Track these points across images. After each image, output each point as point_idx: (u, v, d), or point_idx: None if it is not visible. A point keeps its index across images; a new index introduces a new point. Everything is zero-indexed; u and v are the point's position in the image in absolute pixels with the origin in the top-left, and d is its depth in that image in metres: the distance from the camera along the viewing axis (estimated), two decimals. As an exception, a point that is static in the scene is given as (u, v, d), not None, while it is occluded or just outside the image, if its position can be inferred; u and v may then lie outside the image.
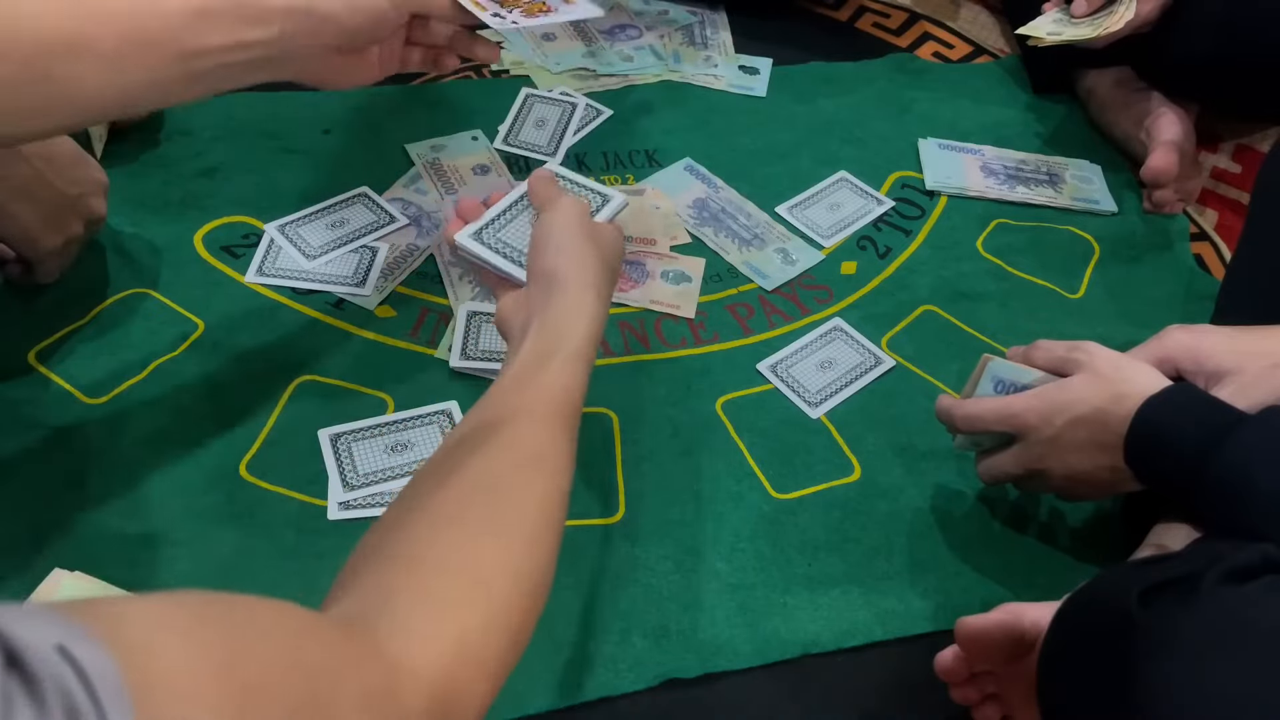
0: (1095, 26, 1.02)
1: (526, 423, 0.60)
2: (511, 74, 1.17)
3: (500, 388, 0.64)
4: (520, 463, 0.57)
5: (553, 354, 0.64)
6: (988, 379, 0.80)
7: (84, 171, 0.84)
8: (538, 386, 0.62)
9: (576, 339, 0.66)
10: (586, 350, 0.66)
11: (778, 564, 0.81)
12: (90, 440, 0.81)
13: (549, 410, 0.61)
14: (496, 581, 0.50)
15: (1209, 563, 0.55)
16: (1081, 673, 0.59)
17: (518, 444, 0.58)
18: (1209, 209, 1.14)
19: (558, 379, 0.63)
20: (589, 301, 0.68)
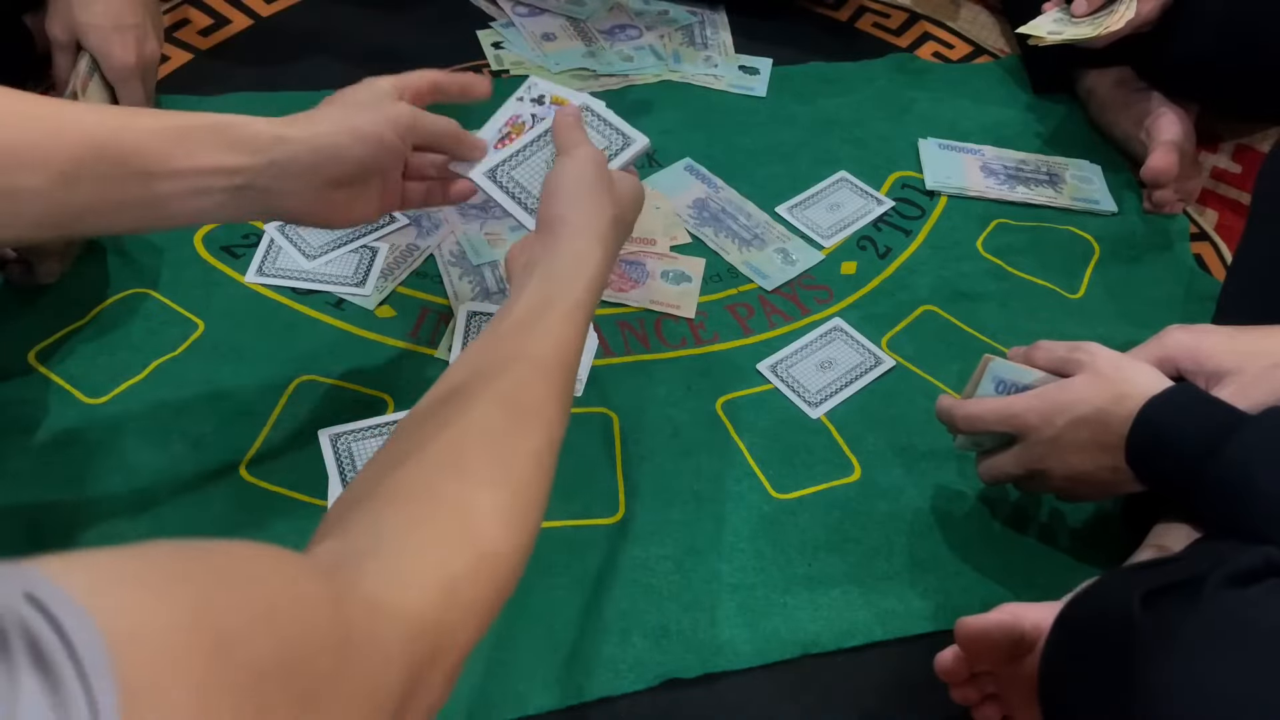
0: (1095, 26, 1.02)
1: (526, 372, 0.59)
2: (511, 74, 1.17)
3: (498, 333, 0.62)
4: (518, 413, 0.57)
5: (553, 303, 0.63)
6: (989, 379, 0.79)
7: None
8: (538, 336, 0.62)
9: (578, 290, 0.65)
10: (587, 301, 0.65)
11: (778, 564, 0.81)
12: (90, 440, 0.81)
13: (548, 362, 0.60)
14: (488, 528, 0.50)
15: (1211, 566, 0.55)
16: (1084, 675, 0.59)
17: (517, 394, 0.57)
18: (1209, 209, 1.14)
19: (558, 329, 0.62)
20: (595, 252, 0.67)
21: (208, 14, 1.18)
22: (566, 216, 0.69)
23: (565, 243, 0.68)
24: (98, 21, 0.94)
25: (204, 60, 1.13)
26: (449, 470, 0.52)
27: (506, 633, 0.75)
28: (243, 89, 1.10)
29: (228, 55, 1.15)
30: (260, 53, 1.15)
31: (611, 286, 0.97)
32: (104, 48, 0.95)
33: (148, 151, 0.62)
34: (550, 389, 0.59)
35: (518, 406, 0.57)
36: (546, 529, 0.80)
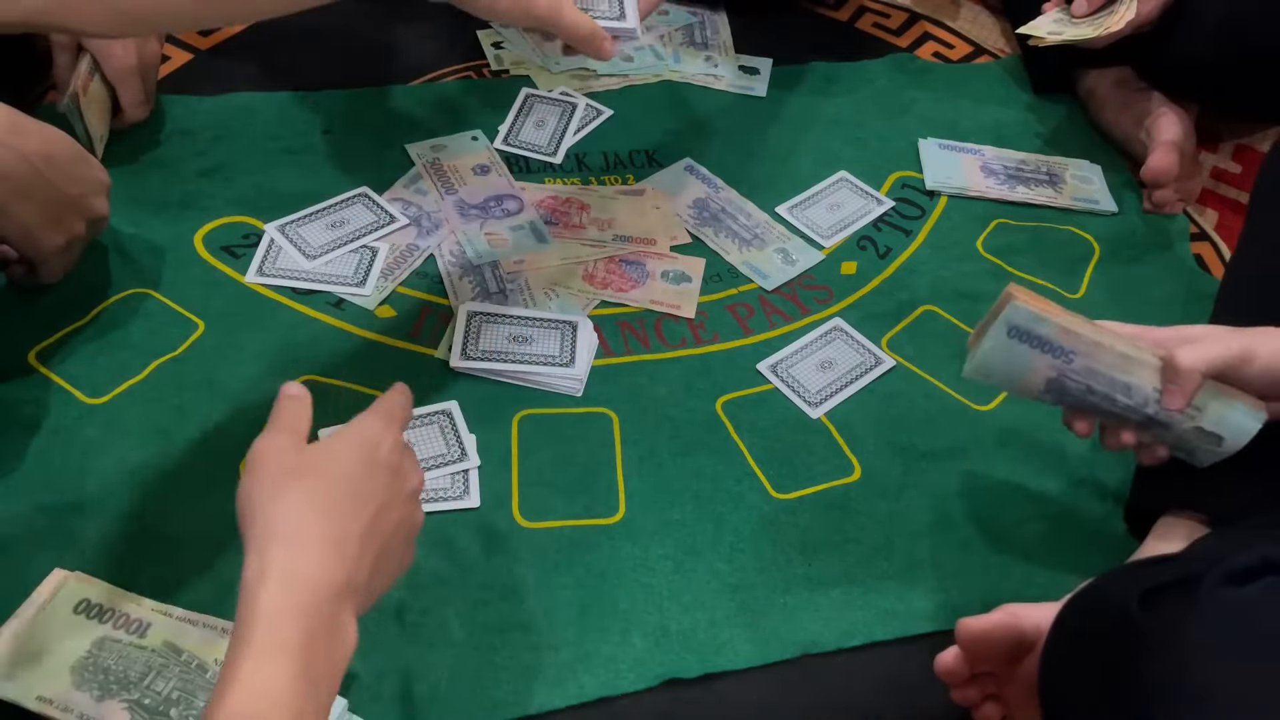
0: (1096, 26, 1.02)
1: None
2: (511, 74, 1.17)
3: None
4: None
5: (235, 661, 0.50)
6: (1001, 325, 0.73)
7: (85, 170, 0.84)
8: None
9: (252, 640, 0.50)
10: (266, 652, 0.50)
11: (778, 564, 0.81)
12: (90, 440, 0.81)
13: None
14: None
15: (1209, 565, 0.55)
16: (1082, 674, 0.59)
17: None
18: (1209, 209, 1.14)
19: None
20: (260, 571, 0.52)
21: (208, 14, 1.18)
22: (245, 523, 0.56)
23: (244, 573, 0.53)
24: None
25: (204, 60, 1.13)
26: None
27: (507, 633, 0.75)
28: (243, 89, 1.10)
29: (228, 55, 1.15)
30: (260, 53, 1.15)
31: (611, 286, 0.97)
32: (104, 48, 0.95)
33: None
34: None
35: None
36: (546, 529, 0.80)
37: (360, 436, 0.60)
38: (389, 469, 0.59)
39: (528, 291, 0.95)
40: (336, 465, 0.57)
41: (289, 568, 0.52)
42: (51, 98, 1.02)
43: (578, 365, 0.89)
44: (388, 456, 0.60)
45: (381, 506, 0.58)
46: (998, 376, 0.77)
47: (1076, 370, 0.74)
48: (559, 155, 1.08)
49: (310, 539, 0.54)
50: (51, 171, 0.80)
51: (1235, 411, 0.71)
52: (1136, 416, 0.73)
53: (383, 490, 0.58)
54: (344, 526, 0.55)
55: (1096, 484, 0.87)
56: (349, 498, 0.56)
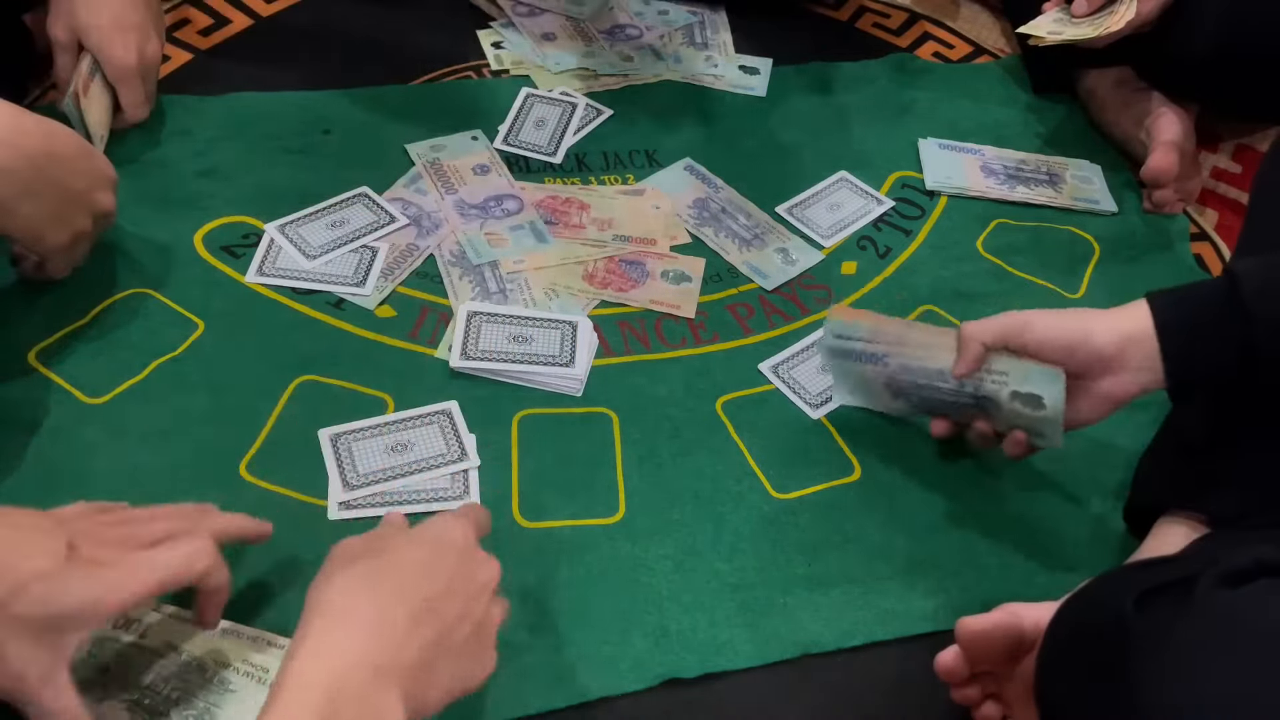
0: (1096, 26, 1.02)
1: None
2: (511, 74, 1.17)
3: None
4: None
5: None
6: (823, 350, 0.86)
7: (90, 165, 0.84)
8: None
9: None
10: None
11: (778, 564, 0.81)
12: (90, 440, 0.81)
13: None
14: None
15: (1204, 566, 0.55)
16: (1078, 675, 0.59)
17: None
18: (1209, 209, 1.14)
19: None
20: (326, 644, 0.53)
21: (208, 14, 1.18)
22: (313, 600, 0.56)
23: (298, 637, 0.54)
24: (99, 22, 0.94)
25: (204, 60, 1.13)
26: None
27: (506, 632, 0.75)
28: (243, 89, 1.10)
29: (228, 55, 1.15)
30: (260, 53, 1.15)
31: (611, 286, 0.97)
32: (105, 48, 0.95)
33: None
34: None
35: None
36: (547, 529, 0.80)
37: (431, 526, 0.60)
38: (456, 555, 0.59)
39: (528, 291, 0.95)
40: (400, 551, 0.58)
41: (324, 639, 0.53)
42: (52, 97, 1.02)
43: (578, 365, 0.89)
44: (456, 542, 0.59)
45: (441, 592, 0.57)
46: (852, 394, 0.88)
47: (895, 370, 0.83)
48: (559, 155, 1.08)
49: (351, 615, 0.54)
50: (56, 168, 0.80)
51: (1034, 369, 0.77)
52: (966, 400, 0.81)
53: (444, 575, 0.58)
54: (390, 607, 0.55)
55: (1097, 484, 0.87)
56: (403, 579, 0.56)
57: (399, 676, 0.54)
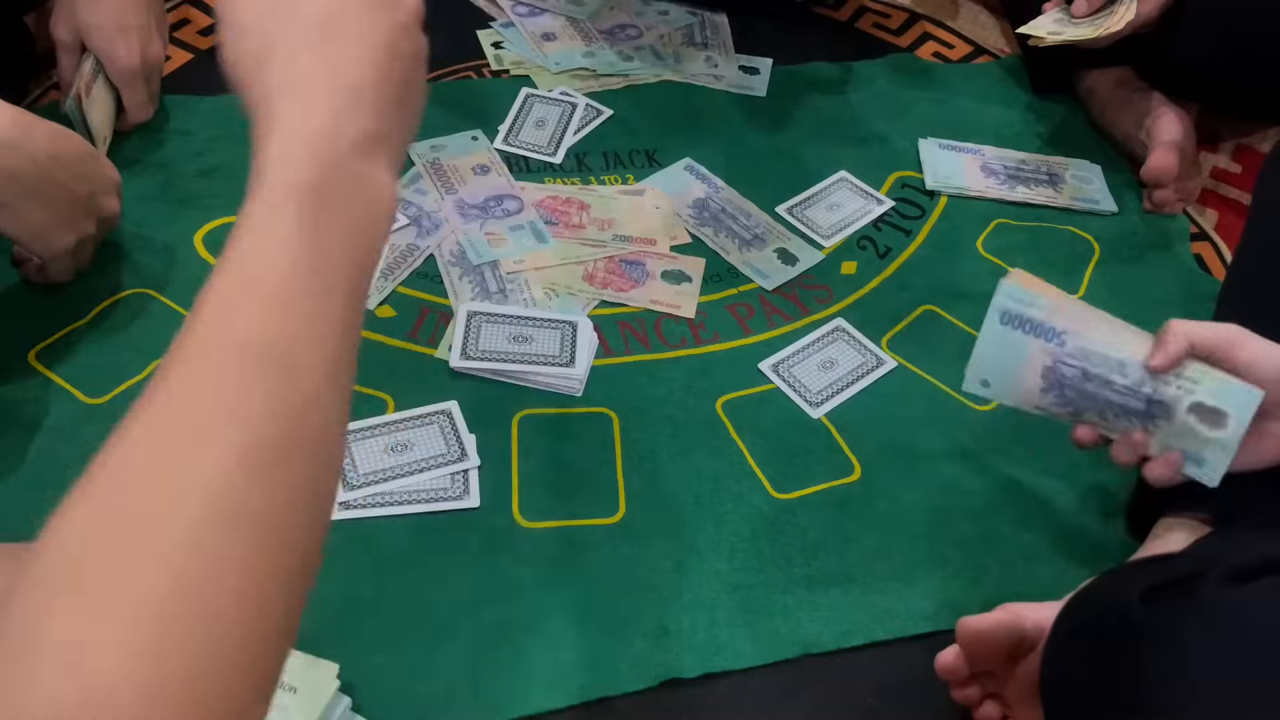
0: (1096, 26, 1.02)
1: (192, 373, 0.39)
2: (511, 74, 1.17)
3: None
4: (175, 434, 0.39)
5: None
6: (993, 310, 0.73)
7: (94, 169, 0.84)
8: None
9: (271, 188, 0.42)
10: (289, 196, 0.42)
11: (778, 564, 0.80)
12: (90, 440, 0.81)
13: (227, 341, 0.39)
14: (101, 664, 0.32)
15: (1210, 563, 0.55)
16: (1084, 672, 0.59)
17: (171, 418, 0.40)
18: (1209, 209, 1.14)
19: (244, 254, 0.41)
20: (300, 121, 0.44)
21: (208, 14, 1.18)
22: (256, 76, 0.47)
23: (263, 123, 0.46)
24: (102, 22, 0.94)
25: (204, 60, 1.13)
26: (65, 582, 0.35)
27: (506, 632, 0.75)
28: (243, 89, 1.10)
29: (228, 55, 1.14)
30: (260, 53, 1.15)
31: (611, 286, 0.97)
32: (108, 49, 0.95)
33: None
34: (233, 380, 0.38)
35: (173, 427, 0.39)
36: (546, 529, 0.80)
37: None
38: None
39: (528, 291, 0.95)
40: (327, 5, 0.48)
41: (301, 116, 0.44)
42: (54, 98, 1.02)
43: (578, 365, 0.89)
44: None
45: (388, 41, 0.48)
46: (995, 375, 0.76)
47: (1070, 353, 0.73)
48: (559, 155, 1.08)
49: (321, 88, 0.45)
50: (60, 171, 0.80)
51: (1232, 382, 0.68)
52: (1135, 403, 0.72)
53: (385, 21, 0.48)
54: (355, 72, 0.46)
55: (1097, 484, 0.87)
56: (352, 37, 0.47)
57: (384, 146, 0.47)
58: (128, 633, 0.33)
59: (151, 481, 0.39)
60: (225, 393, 0.38)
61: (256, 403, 0.38)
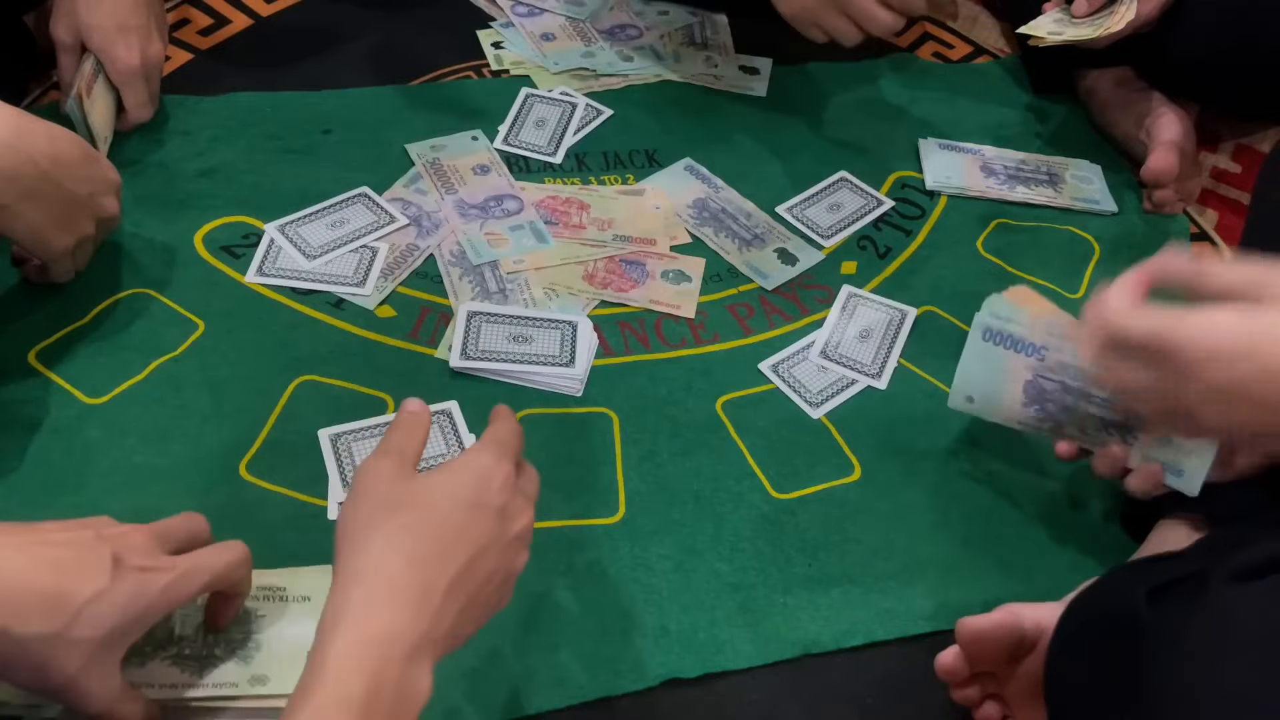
0: (1096, 26, 1.02)
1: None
2: (511, 74, 1.17)
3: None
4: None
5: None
6: (975, 325, 0.75)
7: (94, 170, 0.84)
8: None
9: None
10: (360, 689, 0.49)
11: (778, 564, 0.80)
12: (90, 440, 0.81)
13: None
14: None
15: (1215, 562, 0.55)
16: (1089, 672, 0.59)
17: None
18: (1209, 209, 1.14)
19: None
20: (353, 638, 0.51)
21: (208, 14, 1.18)
22: (340, 574, 0.54)
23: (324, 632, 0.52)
24: (102, 22, 0.94)
25: (204, 60, 1.13)
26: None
27: (506, 632, 0.75)
28: (243, 89, 1.10)
29: (228, 55, 1.15)
30: (260, 53, 1.15)
31: (611, 286, 0.97)
32: (108, 49, 0.95)
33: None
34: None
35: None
36: (547, 529, 0.80)
37: (469, 472, 0.57)
38: (495, 512, 0.56)
39: (528, 291, 0.95)
40: (439, 504, 0.55)
41: (366, 617, 0.51)
42: (53, 97, 1.02)
43: (578, 365, 0.89)
44: (495, 497, 0.57)
45: (478, 553, 0.55)
46: (979, 391, 0.80)
47: (1050, 367, 0.75)
48: (559, 155, 1.08)
49: (394, 587, 0.52)
50: (59, 172, 0.79)
51: None
52: (1115, 415, 0.73)
53: (483, 535, 0.56)
54: (432, 576, 0.53)
55: (1097, 484, 0.87)
56: (444, 543, 0.54)
57: (434, 648, 0.53)
58: None
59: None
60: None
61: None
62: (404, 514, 0.54)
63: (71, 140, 0.82)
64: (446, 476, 0.57)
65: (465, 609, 0.55)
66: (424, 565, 0.53)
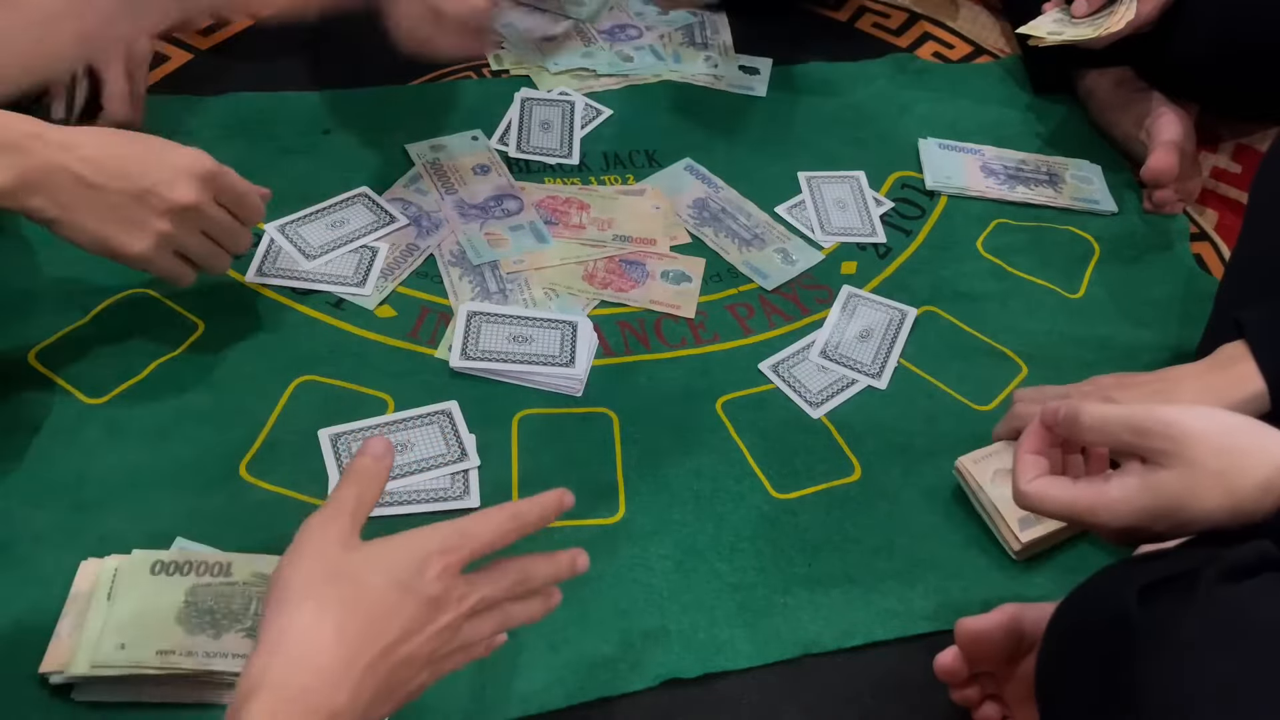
0: (1096, 26, 1.02)
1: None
2: (511, 74, 1.17)
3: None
4: None
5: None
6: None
7: (148, 163, 0.78)
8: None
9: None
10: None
11: (778, 564, 0.81)
12: (90, 440, 0.81)
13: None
14: None
15: (1206, 560, 0.55)
16: (1080, 671, 0.58)
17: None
18: (1209, 209, 1.14)
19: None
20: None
21: (208, 14, 1.18)
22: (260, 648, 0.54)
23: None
24: None
25: (204, 60, 1.13)
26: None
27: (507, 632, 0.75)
28: (243, 89, 1.10)
29: (228, 55, 1.15)
30: (260, 53, 1.15)
31: (611, 286, 0.97)
32: None
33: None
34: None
35: None
36: (547, 529, 0.80)
37: (410, 553, 0.57)
38: (426, 600, 0.56)
39: (528, 291, 0.95)
40: (373, 582, 0.55)
41: (284, 683, 0.52)
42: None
43: (578, 365, 0.89)
44: (430, 585, 0.57)
45: (402, 636, 0.55)
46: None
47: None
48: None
49: (316, 659, 0.53)
50: (100, 176, 0.75)
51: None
52: None
53: (410, 620, 0.56)
54: (355, 651, 0.53)
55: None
56: (372, 620, 0.55)
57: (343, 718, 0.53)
58: None
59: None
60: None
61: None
62: (339, 587, 0.55)
63: (116, 139, 0.78)
64: (388, 553, 0.57)
65: (380, 689, 0.55)
66: (348, 641, 0.53)
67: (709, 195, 1.07)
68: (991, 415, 0.91)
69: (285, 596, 0.55)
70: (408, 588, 0.56)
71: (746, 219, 1.05)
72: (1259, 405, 0.76)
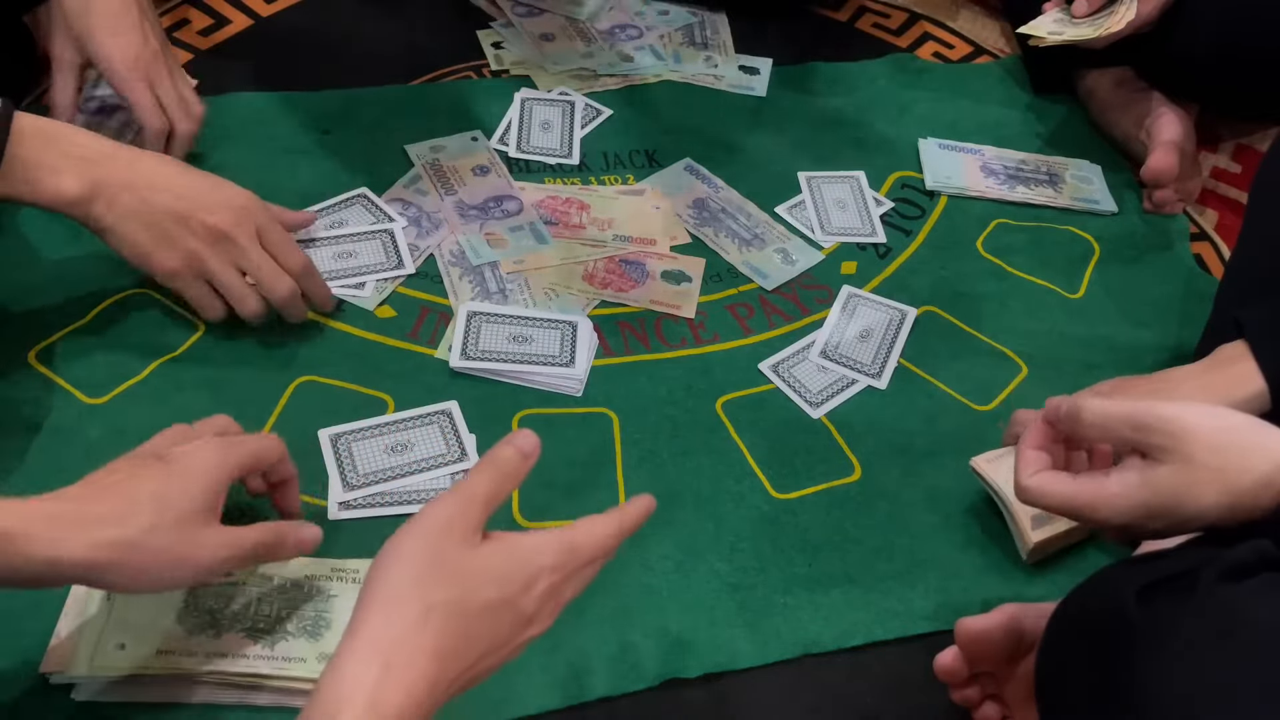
0: (1096, 27, 1.02)
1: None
2: (511, 74, 1.17)
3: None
4: None
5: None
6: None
7: (190, 188, 0.83)
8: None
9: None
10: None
11: (778, 564, 0.81)
12: (90, 440, 0.81)
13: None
14: None
15: (1206, 560, 0.55)
16: (1079, 671, 0.58)
17: None
18: (1209, 209, 1.14)
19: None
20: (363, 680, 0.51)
21: (208, 14, 1.18)
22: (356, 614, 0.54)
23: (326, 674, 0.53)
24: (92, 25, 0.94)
25: (204, 60, 1.13)
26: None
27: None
28: (243, 89, 1.10)
29: (228, 55, 1.15)
30: (260, 53, 1.15)
31: (611, 286, 0.97)
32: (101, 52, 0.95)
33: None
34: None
35: None
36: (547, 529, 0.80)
37: (523, 567, 0.57)
38: (522, 617, 0.56)
39: (528, 291, 0.95)
40: (483, 591, 0.55)
41: (381, 699, 0.51)
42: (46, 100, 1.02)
43: (578, 365, 0.89)
44: (530, 602, 0.57)
45: (489, 650, 0.56)
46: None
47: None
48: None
49: (414, 673, 0.52)
50: (154, 193, 0.81)
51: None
52: None
53: (499, 636, 0.56)
54: (446, 670, 0.54)
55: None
56: (468, 638, 0.54)
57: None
58: None
59: None
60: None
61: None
62: (449, 589, 0.54)
63: (172, 166, 0.84)
64: (501, 562, 0.56)
65: (454, 696, 0.56)
66: (443, 655, 0.53)
67: (709, 195, 1.07)
68: (991, 415, 0.91)
69: (393, 591, 0.54)
70: (511, 604, 0.56)
71: (746, 219, 1.05)
72: (1259, 405, 0.76)
